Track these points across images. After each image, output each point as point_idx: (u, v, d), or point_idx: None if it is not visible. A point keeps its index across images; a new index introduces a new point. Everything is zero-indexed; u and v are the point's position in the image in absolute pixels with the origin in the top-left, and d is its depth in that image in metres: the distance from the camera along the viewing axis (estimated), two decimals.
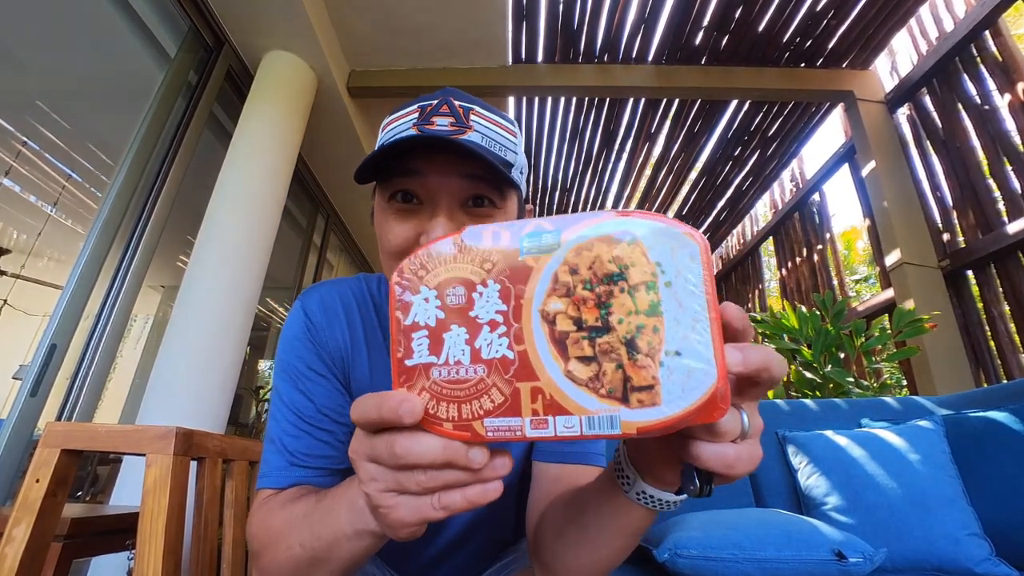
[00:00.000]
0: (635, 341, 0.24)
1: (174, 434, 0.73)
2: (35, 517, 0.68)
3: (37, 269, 4.66)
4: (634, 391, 0.24)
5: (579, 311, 0.25)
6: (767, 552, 0.90)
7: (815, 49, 2.83)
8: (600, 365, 0.25)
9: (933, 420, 1.30)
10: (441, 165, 0.45)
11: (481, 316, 0.26)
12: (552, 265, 0.26)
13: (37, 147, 3.31)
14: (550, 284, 0.26)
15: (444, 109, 0.47)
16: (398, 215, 0.47)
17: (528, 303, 0.26)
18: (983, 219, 2.28)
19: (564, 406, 0.25)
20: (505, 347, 0.26)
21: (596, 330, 0.25)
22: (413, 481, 0.27)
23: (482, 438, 0.26)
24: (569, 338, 0.25)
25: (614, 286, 0.25)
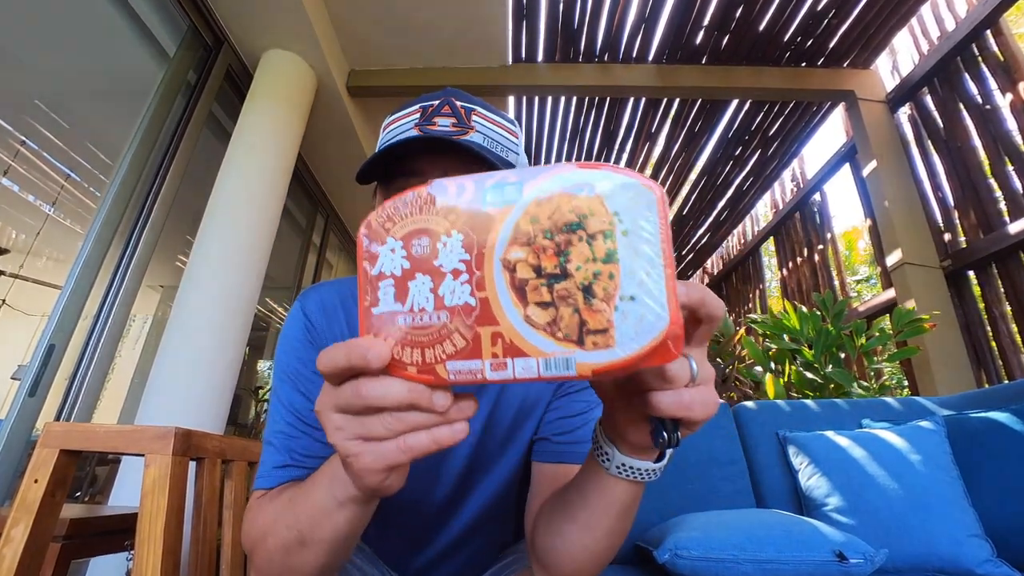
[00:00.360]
0: (591, 287, 0.25)
1: (173, 434, 0.73)
2: (34, 517, 0.68)
3: (36, 269, 4.66)
4: (589, 334, 0.25)
5: (539, 259, 0.26)
6: (768, 553, 0.90)
7: (816, 48, 2.83)
8: (557, 310, 0.26)
9: (934, 421, 1.30)
10: (443, 165, 0.45)
11: (445, 265, 0.27)
12: (514, 216, 0.27)
13: (36, 146, 3.31)
14: (511, 233, 0.27)
15: (446, 110, 0.46)
16: None
17: (490, 252, 0.27)
18: (984, 219, 2.28)
19: (522, 349, 0.26)
20: (467, 294, 0.27)
21: (554, 277, 0.26)
22: (380, 424, 0.28)
23: (444, 381, 0.27)
24: (528, 285, 0.26)
25: (573, 235, 0.26)
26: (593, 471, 0.38)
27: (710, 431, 1.42)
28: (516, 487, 0.62)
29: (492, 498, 0.60)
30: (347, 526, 0.36)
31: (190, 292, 1.91)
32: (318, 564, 0.39)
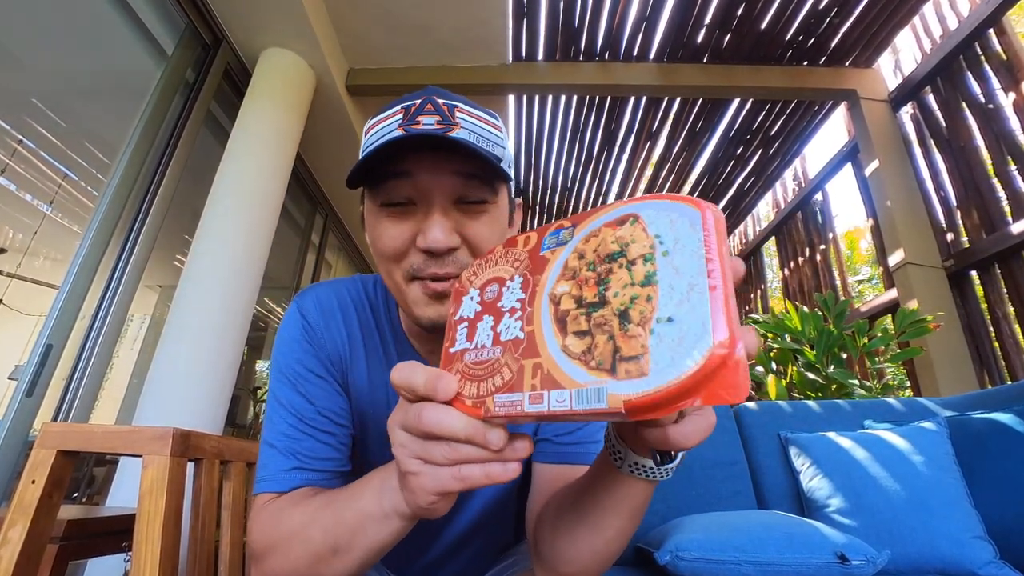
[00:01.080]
0: (628, 311, 0.24)
1: (171, 435, 0.73)
2: (31, 519, 0.68)
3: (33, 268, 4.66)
4: (622, 361, 0.23)
5: (581, 290, 0.27)
6: (769, 554, 0.90)
7: (818, 47, 2.83)
8: (593, 338, 0.25)
9: (936, 422, 1.30)
10: (431, 164, 0.45)
11: (504, 305, 0.31)
12: (564, 255, 0.29)
13: (33, 145, 3.31)
14: (560, 271, 0.29)
15: (428, 108, 0.46)
16: (392, 218, 0.47)
17: (541, 289, 0.29)
18: (987, 219, 2.28)
19: (558, 380, 0.25)
20: (518, 329, 0.29)
21: (593, 305, 0.26)
22: (438, 451, 0.29)
23: (491, 414, 0.28)
24: (569, 315, 0.27)
25: (614, 263, 0.26)
26: (606, 470, 0.38)
27: (712, 433, 1.42)
28: (517, 489, 0.62)
29: (493, 500, 0.60)
30: (389, 538, 0.37)
31: (188, 292, 1.91)
32: (348, 573, 0.39)
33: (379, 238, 0.48)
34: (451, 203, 0.46)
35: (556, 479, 0.53)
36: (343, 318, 0.57)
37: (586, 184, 4.18)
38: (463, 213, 0.47)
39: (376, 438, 0.57)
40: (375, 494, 0.36)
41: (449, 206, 0.46)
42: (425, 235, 0.45)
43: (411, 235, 0.46)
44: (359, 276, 0.63)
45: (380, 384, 0.57)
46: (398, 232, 0.46)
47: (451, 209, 0.46)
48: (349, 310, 0.58)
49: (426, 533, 0.61)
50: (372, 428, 0.57)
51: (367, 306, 0.59)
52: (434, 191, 0.45)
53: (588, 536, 0.41)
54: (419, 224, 0.46)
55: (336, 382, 0.55)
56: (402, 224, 0.46)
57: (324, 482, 0.50)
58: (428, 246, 0.44)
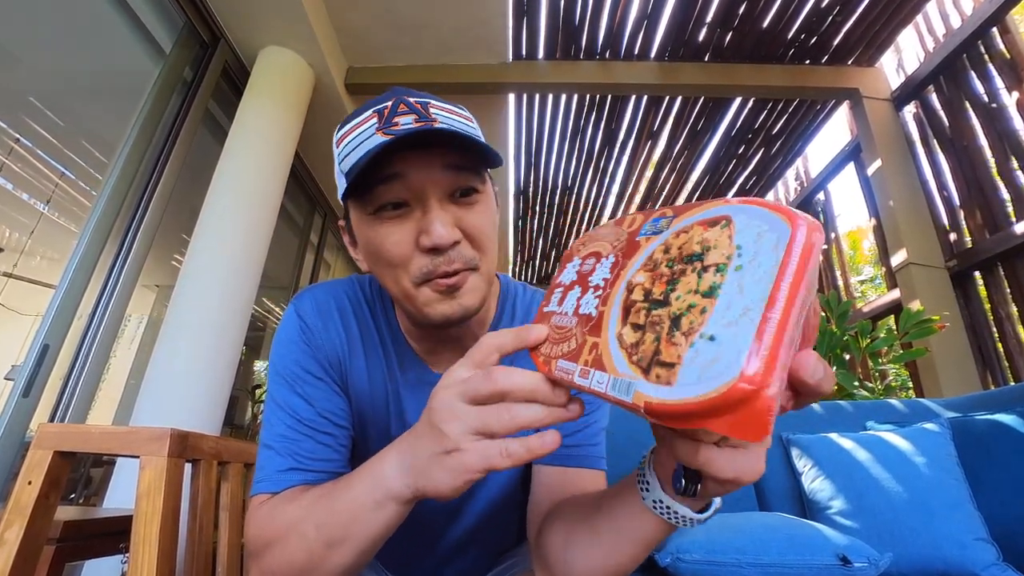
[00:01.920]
0: (680, 318, 0.24)
1: (168, 436, 0.73)
2: (27, 520, 0.68)
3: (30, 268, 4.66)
4: (657, 364, 0.24)
5: (652, 284, 0.27)
6: (770, 557, 0.90)
7: (820, 46, 2.83)
8: (644, 334, 0.25)
9: (939, 423, 1.30)
10: (419, 162, 0.45)
11: (592, 280, 0.32)
12: (655, 244, 0.29)
13: (30, 144, 3.31)
14: (645, 260, 0.29)
15: (402, 108, 0.46)
16: (389, 223, 0.46)
17: (624, 273, 0.30)
18: (991, 219, 2.28)
19: (604, 363, 0.27)
20: (593, 306, 0.31)
21: (657, 303, 0.26)
22: (498, 417, 0.30)
23: (551, 375, 0.30)
24: (635, 306, 0.27)
25: (689, 265, 0.25)
26: (629, 495, 0.37)
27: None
28: (518, 491, 0.62)
29: (494, 502, 0.60)
30: (384, 526, 0.37)
31: (186, 292, 1.91)
32: (344, 565, 0.39)
33: (380, 246, 0.47)
34: (446, 197, 0.46)
35: (559, 482, 0.53)
36: (341, 319, 0.57)
37: (586, 184, 4.18)
38: (458, 206, 0.47)
39: (376, 438, 0.57)
40: (371, 483, 0.36)
41: (445, 200, 0.46)
42: (429, 233, 0.44)
43: (412, 237, 0.46)
44: (355, 276, 0.63)
45: (380, 384, 0.57)
46: (399, 236, 0.46)
47: (447, 203, 0.46)
48: (347, 311, 0.58)
49: (429, 537, 0.61)
50: (372, 428, 0.57)
51: (364, 306, 0.59)
52: (428, 188, 0.45)
53: (600, 556, 0.41)
54: (418, 224, 0.45)
55: (335, 383, 0.55)
56: (401, 227, 0.46)
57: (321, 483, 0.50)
58: (434, 243, 0.44)
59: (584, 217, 4.60)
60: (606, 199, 4.35)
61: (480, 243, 0.48)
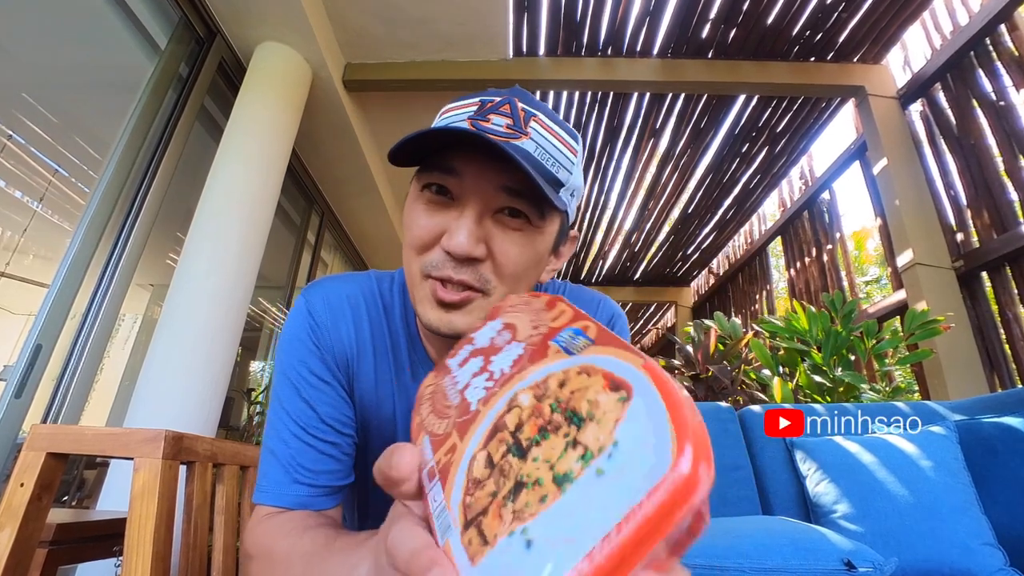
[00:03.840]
0: (522, 489, 0.19)
1: (163, 437, 0.73)
2: (19, 522, 0.68)
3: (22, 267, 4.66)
4: (474, 527, 0.20)
5: (527, 419, 0.22)
6: (774, 562, 0.90)
7: (825, 43, 2.83)
8: (488, 478, 0.21)
9: (946, 426, 1.30)
10: (480, 168, 0.43)
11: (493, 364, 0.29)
12: (557, 366, 0.24)
13: (22, 140, 3.31)
14: (541, 379, 0.24)
15: (505, 108, 0.45)
16: (428, 207, 0.46)
17: (516, 381, 0.25)
18: (998, 219, 2.28)
19: (448, 479, 0.23)
20: (477, 399, 0.27)
21: (518, 447, 0.21)
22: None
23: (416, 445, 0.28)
24: (500, 433, 0.23)
25: (566, 424, 0.20)
26: None
27: (715, 436, 1.42)
28: None
29: None
30: None
31: (181, 291, 1.91)
32: None
33: (413, 221, 0.47)
34: (489, 212, 0.45)
35: None
36: (352, 316, 0.56)
37: (587, 182, 4.18)
38: (499, 225, 0.45)
39: (378, 446, 0.56)
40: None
41: (486, 215, 0.45)
42: (450, 236, 0.43)
43: (440, 231, 0.45)
44: (374, 272, 0.61)
45: (387, 391, 0.56)
46: (429, 224, 0.45)
47: (486, 218, 0.45)
48: (360, 308, 0.56)
49: None
50: (375, 435, 0.57)
51: (380, 306, 0.57)
52: (475, 196, 0.44)
53: None
54: (449, 223, 0.45)
55: (342, 387, 0.54)
56: (435, 217, 0.45)
57: (321, 498, 0.50)
58: (450, 248, 0.43)
59: (585, 217, 4.60)
60: (608, 198, 4.35)
61: (503, 271, 0.45)
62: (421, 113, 3.21)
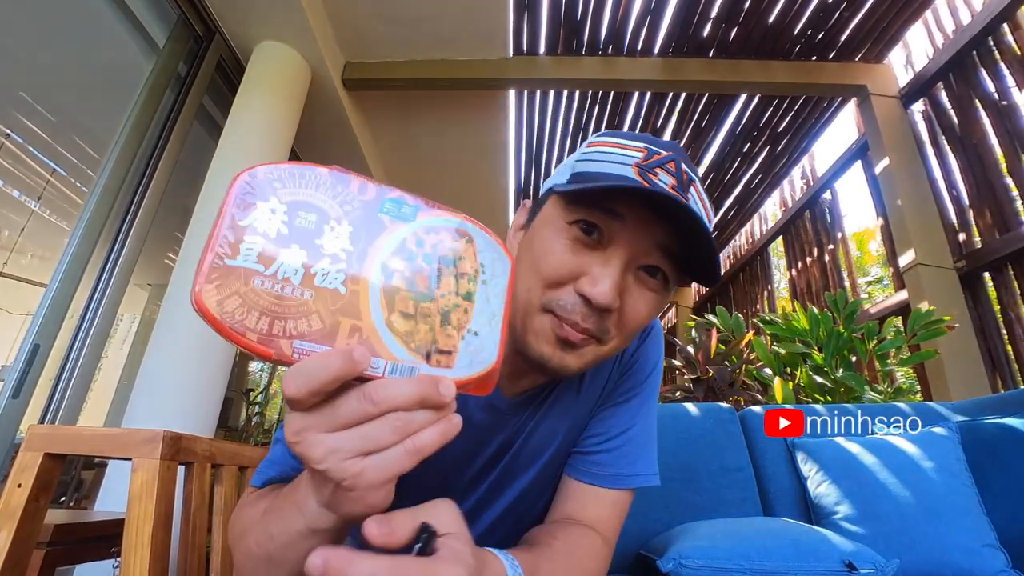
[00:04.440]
0: (449, 314, 0.31)
1: (161, 438, 0.73)
2: (17, 523, 0.68)
3: (20, 266, 4.66)
4: (436, 352, 0.30)
5: (413, 275, 0.30)
6: (775, 563, 0.90)
7: (827, 42, 2.83)
8: (416, 324, 0.30)
9: (948, 427, 1.30)
10: (644, 219, 0.43)
11: (326, 247, 0.29)
12: (403, 232, 0.31)
13: (20, 140, 3.31)
14: (397, 245, 0.30)
15: (670, 166, 0.44)
16: (572, 243, 0.45)
17: (375, 253, 0.30)
18: (1000, 219, 2.28)
19: (376, 349, 0.28)
20: (339, 282, 0.29)
21: (422, 295, 0.30)
22: (387, 429, 0.27)
23: (285, 356, 0.27)
24: (399, 294, 0.30)
25: (446, 268, 0.31)
26: None
27: (716, 437, 1.42)
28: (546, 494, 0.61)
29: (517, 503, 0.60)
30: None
31: (179, 291, 1.91)
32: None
33: (548, 252, 0.45)
34: (634, 267, 0.44)
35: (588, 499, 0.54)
36: None
37: None
38: (638, 281, 0.45)
39: None
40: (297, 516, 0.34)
41: (631, 267, 0.44)
42: (594, 284, 0.42)
43: (579, 272, 0.44)
44: None
45: None
46: (571, 262, 0.44)
47: (629, 271, 0.44)
48: None
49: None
50: None
51: None
52: (628, 247, 0.43)
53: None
54: (592, 266, 0.43)
55: None
56: (579, 256, 0.44)
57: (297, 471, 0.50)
58: (591, 296, 0.42)
59: None
60: None
61: (626, 327, 0.45)
62: (421, 112, 3.21)
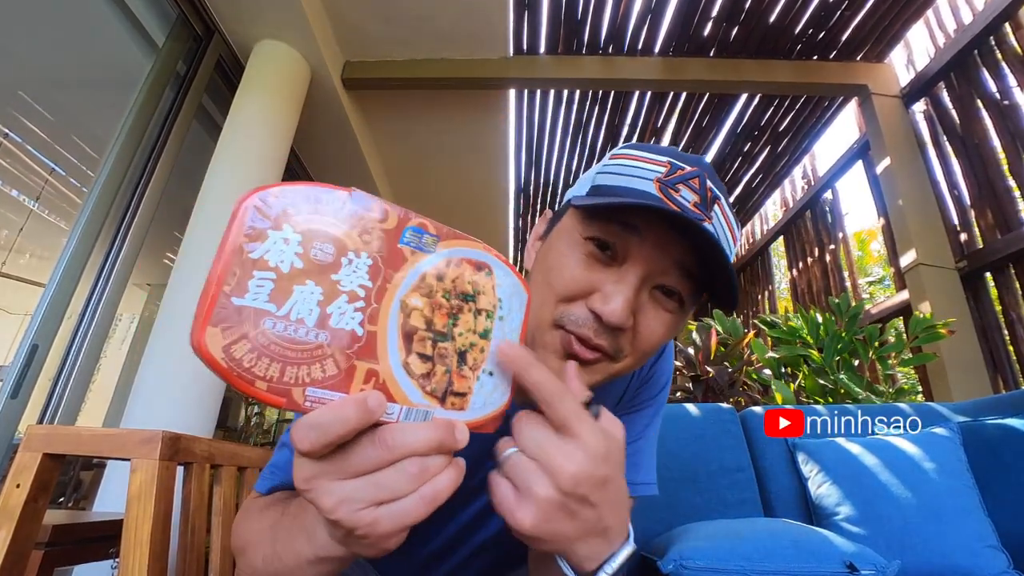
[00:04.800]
0: (466, 354, 0.30)
1: (160, 438, 0.73)
2: (15, 524, 0.68)
3: (18, 266, 4.66)
4: (451, 395, 0.29)
5: (433, 314, 0.29)
6: (775, 564, 0.90)
7: (828, 41, 2.83)
8: (434, 365, 0.29)
9: (949, 427, 1.30)
10: (662, 236, 0.41)
11: (344, 283, 0.26)
12: (424, 265, 0.29)
13: (19, 139, 3.31)
14: (417, 280, 0.28)
15: (694, 183, 0.42)
16: (586, 259, 0.43)
17: (393, 289, 0.28)
18: (1002, 219, 2.28)
19: (392, 393, 0.27)
20: (357, 322, 0.26)
21: (441, 335, 0.29)
22: (402, 477, 0.26)
23: (298, 406, 0.25)
24: (417, 334, 0.28)
25: (465, 304, 0.30)
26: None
27: (717, 437, 1.42)
28: None
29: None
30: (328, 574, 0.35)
31: (178, 291, 1.91)
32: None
33: (561, 266, 0.44)
34: (649, 285, 0.43)
35: None
36: None
37: None
38: (653, 300, 0.44)
39: None
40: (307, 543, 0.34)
41: (647, 286, 0.43)
42: (606, 302, 0.41)
43: (591, 288, 0.42)
44: None
45: None
46: (584, 278, 0.43)
47: (644, 291, 0.43)
48: None
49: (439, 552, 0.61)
50: None
51: None
52: (644, 265, 0.42)
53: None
54: (605, 283, 0.42)
55: None
56: (592, 273, 0.43)
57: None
58: (602, 314, 0.41)
59: None
60: None
61: (640, 346, 0.44)
62: (421, 111, 3.21)
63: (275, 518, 0.40)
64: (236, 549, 0.44)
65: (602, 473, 0.31)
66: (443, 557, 0.61)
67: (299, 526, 0.35)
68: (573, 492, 0.30)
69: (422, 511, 0.27)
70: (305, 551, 0.33)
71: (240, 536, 0.44)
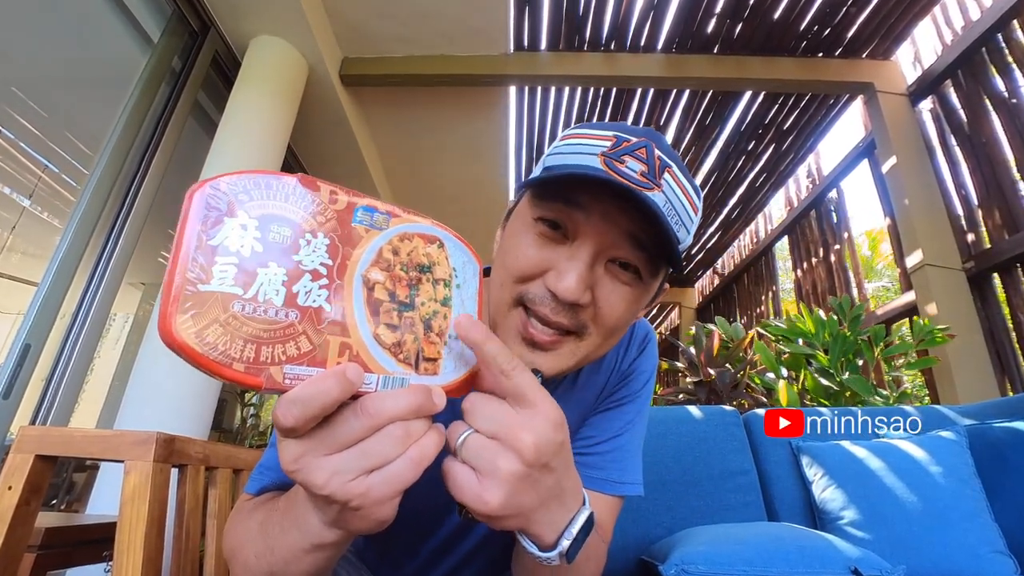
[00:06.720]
0: (431, 321, 0.32)
1: (154, 440, 0.73)
2: (7, 526, 0.68)
3: (11, 265, 4.66)
4: (423, 361, 0.31)
5: (394, 286, 0.31)
6: (778, 569, 0.90)
7: (834, 38, 2.83)
8: (403, 335, 0.31)
9: (955, 430, 1.30)
10: (609, 210, 0.42)
11: (305, 263, 0.28)
12: (379, 241, 0.31)
13: (12, 136, 3.31)
14: (375, 255, 0.31)
15: (641, 152, 0.43)
16: (538, 239, 0.45)
17: (353, 265, 0.30)
18: (1010, 219, 2.28)
19: (367, 364, 0.29)
20: (324, 299, 0.28)
21: (404, 305, 0.31)
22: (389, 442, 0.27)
23: (278, 385, 0.26)
24: (382, 306, 0.30)
25: (422, 275, 0.33)
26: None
27: (720, 440, 1.42)
28: None
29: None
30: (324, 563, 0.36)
31: None
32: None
33: (515, 248, 0.45)
34: (603, 259, 0.44)
35: None
36: None
37: None
38: (609, 274, 0.44)
39: None
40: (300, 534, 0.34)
41: (599, 261, 0.44)
42: (559, 278, 0.42)
43: (546, 267, 0.44)
44: None
45: None
46: (536, 257, 0.44)
47: (599, 264, 0.44)
48: None
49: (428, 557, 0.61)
50: None
51: None
52: (594, 239, 0.43)
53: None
54: (559, 261, 0.43)
55: None
56: (544, 251, 0.44)
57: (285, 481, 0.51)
58: (556, 291, 0.42)
59: None
60: None
61: (603, 321, 0.44)
62: (420, 108, 3.21)
63: (265, 515, 0.41)
64: (227, 552, 0.44)
65: (560, 438, 0.33)
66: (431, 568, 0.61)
67: (290, 519, 0.35)
68: (536, 462, 0.31)
69: (412, 473, 0.28)
70: (298, 541, 0.34)
71: (231, 539, 0.44)
